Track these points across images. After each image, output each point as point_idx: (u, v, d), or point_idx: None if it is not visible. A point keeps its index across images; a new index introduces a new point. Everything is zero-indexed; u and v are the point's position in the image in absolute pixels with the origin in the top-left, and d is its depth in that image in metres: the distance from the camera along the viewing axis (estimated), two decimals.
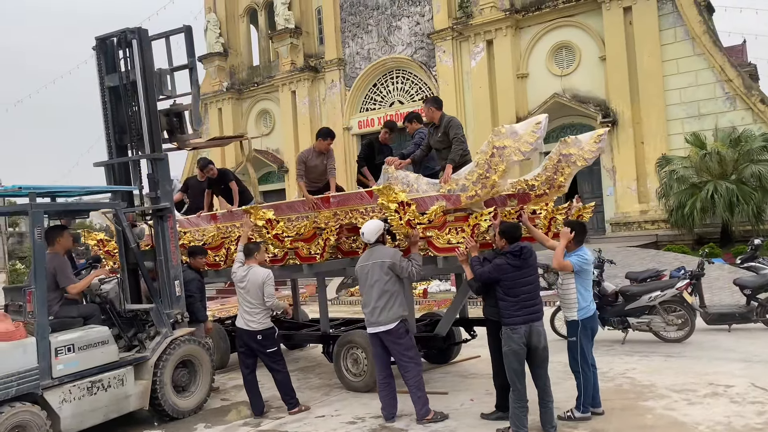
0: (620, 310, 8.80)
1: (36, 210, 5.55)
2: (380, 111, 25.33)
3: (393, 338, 5.64)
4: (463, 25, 22.65)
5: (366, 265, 5.75)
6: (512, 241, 5.68)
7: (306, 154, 7.98)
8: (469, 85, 23.00)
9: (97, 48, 7.12)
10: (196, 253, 7.67)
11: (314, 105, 26.74)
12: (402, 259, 5.72)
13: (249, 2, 28.99)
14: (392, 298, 5.64)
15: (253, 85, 28.56)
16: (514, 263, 5.49)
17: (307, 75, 26.48)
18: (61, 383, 5.58)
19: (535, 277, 5.58)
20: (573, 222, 6.19)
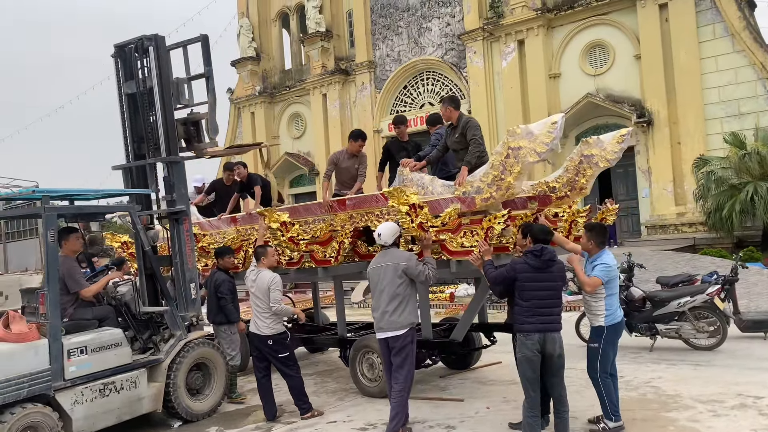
0: (648, 317, 8.50)
1: (49, 213, 5.61)
2: (411, 113, 25.19)
3: (399, 345, 5.48)
4: (493, 25, 22.38)
5: (379, 267, 5.62)
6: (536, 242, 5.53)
7: (338, 155, 7.94)
8: (500, 86, 22.71)
9: (115, 55, 7.19)
10: (224, 253, 7.56)
11: (345, 108, 26.78)
12: (417, 263, 5.58)
13: (281, 6, 29.22)
14: (403, 303, 5.49)
15: (285, 89, 28.77)
16: (532, 263, 5.32)
17: (337, 78, 26.54)
18: (74, 385, 5.63)
19: (555, 285, 5.35)
20: (593, 224, 5.99)
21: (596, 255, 5.54)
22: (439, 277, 6.36)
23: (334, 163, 7.77)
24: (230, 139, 30.15)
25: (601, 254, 5.52)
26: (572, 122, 21.15)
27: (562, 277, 5.42)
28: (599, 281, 5.39)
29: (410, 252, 5.90)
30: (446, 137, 7.07)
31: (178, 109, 7.36)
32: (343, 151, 7.85)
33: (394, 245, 5.69)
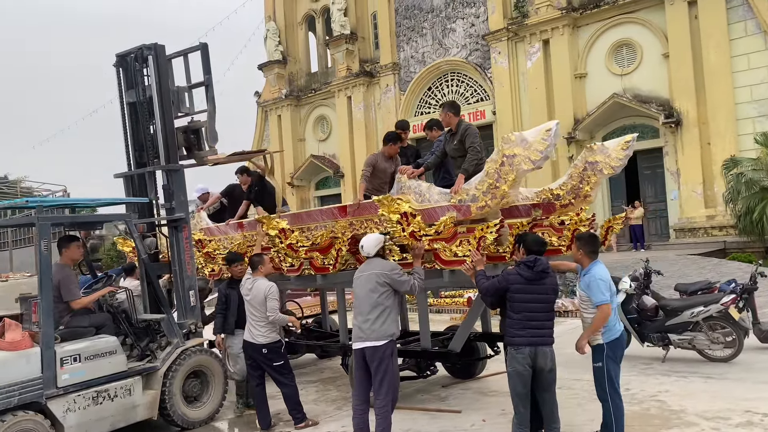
0: (660, 326, 8.24)
1: (42, 222, 5.68)
2: (435, 114, 24.98)
3: (377, 358, 5.32)
4: (518, 25, 22.08)
5: (361, 277, 5.52)
6: (529, 254, 5.39)
7: (375, 157, 7.64)
8: (525, 87, 22.40)
9: (117, 64, 7.27)
10: (234, 260, 7.19)
11: (369, 110, 26.75)
12: (401, 273, 5.45)
13: (307, 10, 29.37)
14: (384, 313, 5.35)
15: (310, 92, 28.91)
16: (525, 274, 5.18)
17: (362, 80, 26.53)
18: (66, 393, 5.68)
19: (548, 298, 5.19)
20: (582, 234, 5.78)
21: (587, 267, 5.31)
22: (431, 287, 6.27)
23: (372, 165, 7.42)
24: (257, 142, 30.43)
25: (592, 267, 5.25)
26: (599, 123, 20.76)
27: (554, 290, 5.26)
28: (607, 308, 5.06)
29: (394, 262, 5.78)
30: (445, 143, 6.96)
31: (180, 118, 7.42)
32: (380, 153, 7.56)
33: (377, 256, 5.57)
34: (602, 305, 5.09)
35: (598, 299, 5.10)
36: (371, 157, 7.53)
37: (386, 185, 7.20)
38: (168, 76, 7.13)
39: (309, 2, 29.33)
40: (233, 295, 6.93)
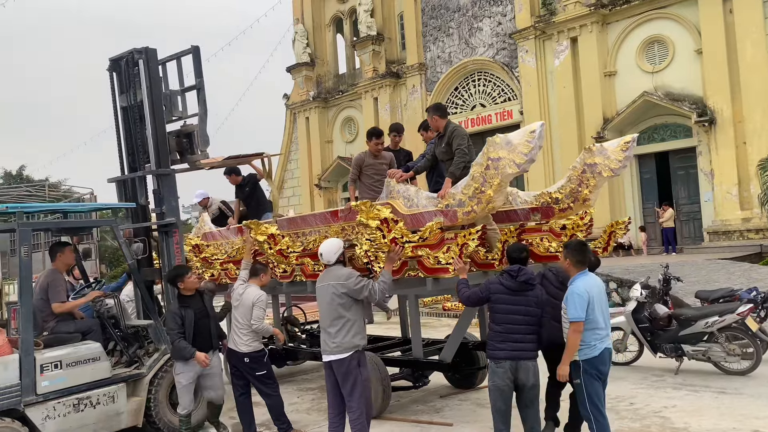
0: (674, 336, 7.83)
1: (23, 228, 5.66)
2: (462, 115, 24.73)
3: (343, 371, 5.11)
4: (545, 23, 21.60)
5: (321, 287, 5.28)
6: (512, 262, 5.14)
7: (361, 157, 7.40)
8: (553, 86, 21.90)
9: (110, 68, 7.25)
10: (178, 275, 6.18)
11: (396, 111, 26.57)
12: (358, 280, 5.15)
13: (335, 11, 29.37)
14: (347, 325, 5.09)
15: (338, 94, 28.88)
16: (507, 284, 4.94)
17: (388, 81, 26.37)
18: (46, 400, 5.64)
19: (531, 311, 4.91)
20: (569, 242, 5.45)
21: (573, 278, 4.93)
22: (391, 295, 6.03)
23: (358, 165, 7.27)
24: (286, 145, 30.57)
25: (576, 279, 4.88)
26: (629, 122, 20.14)
27: (538, 303, 4.97)
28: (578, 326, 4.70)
29: (352, 270, 5.51)
30: (435, 147, 6.71)
31: (173, 122, 7.35)
32: (365, 153, 7.34)
33: (338, 263, 5.32)
34: (573, 322, 4.74)
35: (571, 315, 4.76)
36: (357, 158, 7.35)
37: (381, 183, 6.96)
38: (159, 80, 7.07)
39: (336, 4, 29.32)
40: (188, 314, 5.91)
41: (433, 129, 6.74)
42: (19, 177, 36.45)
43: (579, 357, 4.83)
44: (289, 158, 30.63)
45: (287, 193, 30.08)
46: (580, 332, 4.73)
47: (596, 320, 4.80)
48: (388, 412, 6.78)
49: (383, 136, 7.23)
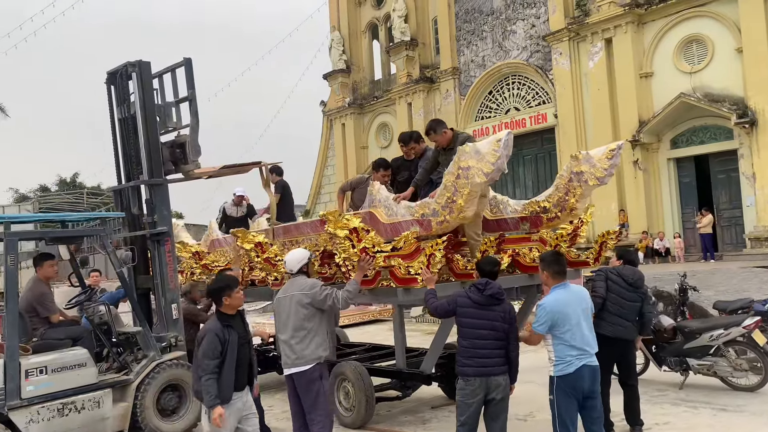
0: (678, 350, 7.50)
1: (10, 238, 5.87)
2: (496, 119, 24.45)
3: (304, 383, 5.03)
4: (579, 24, 21.14)
5: (283, 298, 5.21)
6: (482, 275, 5.02)
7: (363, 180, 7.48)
8: (587, 88, 21.39)
9: (107, 81, 7.45)
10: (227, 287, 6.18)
11: (429, 116, 26.38)
12: (322, 290, 5.06)
13: (370, 18, 29.50)
14: (309, 336, 5.02)
15: (373, 100, 28.98)
16: (474, 297, 4.83)
17: (422, 86, 26.30)
18: (30, 404, 5.82)
19: (498, 326, 4.76)
20: (546, 253, 5.27)
21: (551, 289, 4.81)
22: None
23: (356, 183, 7.42)
24: (323, 151, 30.85)
25: (552, 290, 4.75)
26: (666, 124, 19.52)
27: (506, 319, 4.81)
28: (538, 336, 4.75)
29: (316, 279, 5.46)
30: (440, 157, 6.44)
31: (168, 132, 7.51)
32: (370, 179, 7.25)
33: (300, 273, 5.27)
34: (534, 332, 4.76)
35: (533, 324, 4.74)
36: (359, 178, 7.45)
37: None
38: (152, 92, 7.23)
39: (372, 10, 29.45)
40: (233, 339, 4.60)
41: (445, 143, 6.36)
42: (73, 184, 37.98)
43: (553, 372, 4.71)
44: (326, 164, 30.89)
45: (324, 199, 30.32)
46: (537, 343, 4.85)
47: (571, 335, 4.63)
48: (374, 422, 6.73)
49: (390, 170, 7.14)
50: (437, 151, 6.47)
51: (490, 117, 24.69)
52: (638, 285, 6.13)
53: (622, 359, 6.07)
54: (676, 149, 19.84)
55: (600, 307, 5.83)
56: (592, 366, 4.69)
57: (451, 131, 6.28)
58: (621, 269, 6.15)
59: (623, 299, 5.97)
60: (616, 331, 5.87)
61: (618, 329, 5.89)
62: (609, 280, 6.01)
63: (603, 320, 5.84)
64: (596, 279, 6.16)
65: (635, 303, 6.06)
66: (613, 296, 5.97)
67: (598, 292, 5.95)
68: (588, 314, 4.81)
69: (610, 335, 5.80)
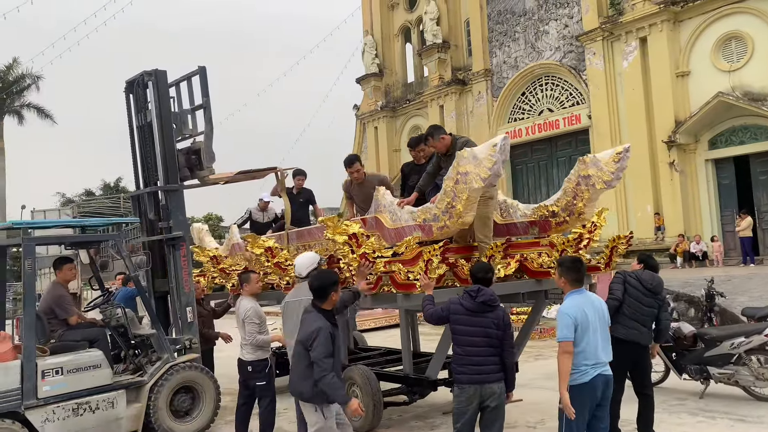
0: (699, 358, 7.29)
1: (27, 243, 6.09)
2: (529, 120, 24.19)
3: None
4: (613, 23, 20.76)
5: (291, 302, 5.30)
6: (475, 282, 4.99)
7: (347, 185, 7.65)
8: (621, 88, 20.99)
9: (126, 90, 7.67)
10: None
11: (461, 118, 26.34)
12: None
13: (403, 21, 29.57)
14: None
15: (405, 102, 29.02)
16: (466, 304, 4.79)
17: (454, 88, 26.21)
18: (46, 404, 6.01)
19: (491, 333, 4.70)
20: (564, 258, 5.17)
21: (566, 294, 4.64)
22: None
23: (347, 191, 7.52)
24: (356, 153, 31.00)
25: (568, 296, 4.59)
26: (704, 124, 19.02)
27: (498, 324, 4.75)
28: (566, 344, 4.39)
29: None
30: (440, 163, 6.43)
31: (185, 139, 7.68)
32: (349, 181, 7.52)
33: (309, 278, 5.32)
34: (560, 342, 4.45)
35: (558, 335, 4.49)
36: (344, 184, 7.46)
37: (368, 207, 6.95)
38: (168, 100, 7.40)
39: (405, 13, 29.51)
40: (337, 336, 4.69)
41: (444, 149, 6.35)
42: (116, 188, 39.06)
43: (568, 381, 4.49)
44: None
45: None
46: (570, 353, 4.42)
47: (587, 344, 4.46)
48: (383, 427, 6.74)
49: (356, 164, 7.19)
50: (438, 156, 6.45)
51: (523, 119, 24.44)
52: (657, 291, 5.98)
53: (637, 366, 5.89)
54: (714, 150, 19.28)
55: (615, 310, 5.71)
56: (606, 375, 4.55)
57: (449, 136, 6.25)
58: (640, 273, 6.02)
59: (640, 303, 5.84)
60: (630, 334, 5.74)
61: (632, 332, 5.75)
62: (627, 284, 5.90)
63: (618, 323, 5.70)
64: (614, 281, 6.04)
65: (652, 309, 5.91)
66: (630, 300, 5.84)
67: (614, 295, 5.84)
68: (604, 324, 4.63)
69: (623, 338, 5.67)
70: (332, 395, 4.47)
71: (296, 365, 4.67)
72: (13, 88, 35.73)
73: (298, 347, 4.62)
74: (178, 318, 7.23)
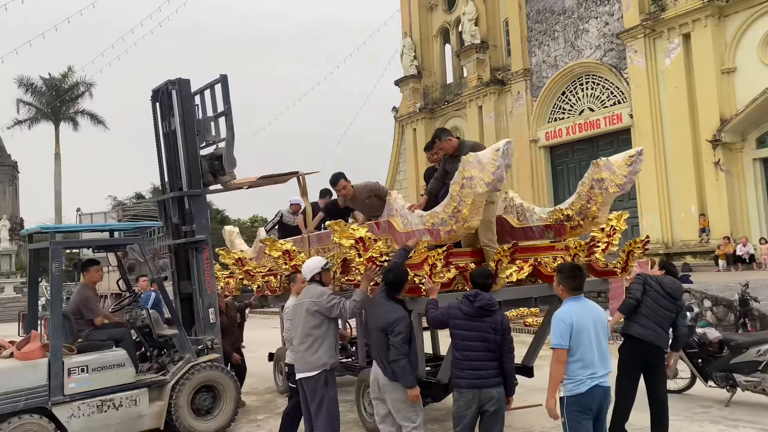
0: (725, 364, 7.09)
1: (55, 247, 6.39)
2: (569, 120, 23.82)
3: (310, 388, 5.20)
4: (654, 20, 20.26)
5: (296, 305, 5.43)
6: (475, 287, 5.00)
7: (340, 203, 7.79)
8: (664, 86, 20.45)
9: (153, 98, 7.94)
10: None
11: (500, 118, 26.12)
12: (330, 299, 5.22)
13: (442, 22, 29.53)
14: (316, 343, 5.19)
15: (444, 104, 28.95)
16: (464, 309, 4.82)
17: (492, 89, 26.01)
18: (72, 400, 6.29)
19: (489, 338, 4.69)
20: (563, 265, 5.15)
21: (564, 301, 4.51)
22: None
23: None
24: (395, 157, 31.10)
25: (565, 302, 4.47)
26: (750, 122, 18.41)
27: (497, 330, 4.74)
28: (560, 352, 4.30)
29: (326, 288, 5.58)
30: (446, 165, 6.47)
31: (209, 146, 7.89)
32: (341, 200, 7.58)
33: (314, 281, 5.43)
34: (554, 349, 4.36)
35: (551, 342, 4.39)
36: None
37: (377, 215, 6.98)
38: (192, 108, 7.62)
39: (443, 15, 29.46)
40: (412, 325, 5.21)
41: (451, 151, 6.38)
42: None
43: (564, 392, 4.41)
44: (397, 169, 31.16)
45: None
46: (563, 362, 4.32)
47: (584, 353, 4.32)
48: None
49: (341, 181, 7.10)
50: (445, 159, 6.47)
51: (563, 118, 24.08)
52: (676, 296, 5.87)
53: (651, 369, 5.74)
54: (762, 149, 18.62)
55: (633, 309, 5.71)
56: (604, 387, 4.39)
57: (456, 139, 6.28)
58: (661, 278, 5.95)
59: (658, 305, 5.75)
60: (645, 333, 5.64)
61: (648, 332, 5.65)
62: (647, 285, 5.83)
63: (633, 322, 5.69)
64: (635, 282, 5.97)
65: (670, 312, 5.79)
66: (648, 300, 5.75)
67: (633, 295, 5.79)
68: (603, 333, 4.46)
69: (637, 336, 5.64)
70: (401, 378, 4.96)
71: (382, 351, 5.06)
72: (68, 95, 37.22)
73: (379, 334, 5.06)
74: (200, 319, 7.44)
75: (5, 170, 50.28)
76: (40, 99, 36.89)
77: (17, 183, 51.63)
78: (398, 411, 5.19)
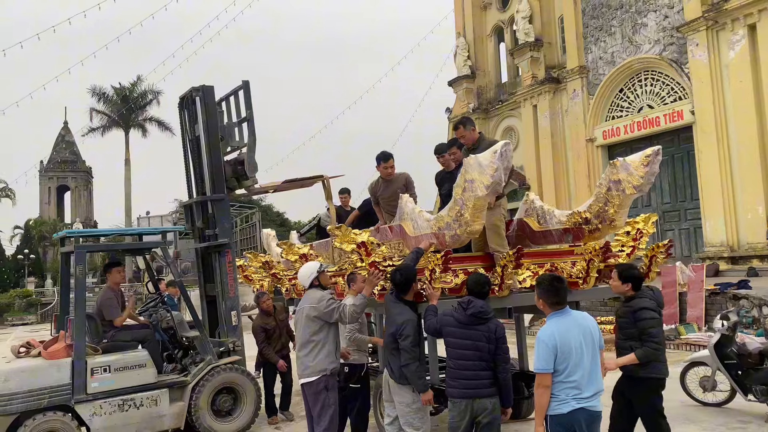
0: (765, 377, 6.63)
1: (79, 251, 6.64)
2: (627, 118, 22.94)
3: (311, 393, 5.23)
4: (717, 11, 19.23)
5: (297, 311, 5.46)
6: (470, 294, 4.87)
7: (374, 186, 7.55)
8: (728, 81, 19.37)
9: (179, 105, 8.14)
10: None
11: (556, 117, 25.45)
12: (329, 303, 5.22)
13: (496, 21, 29.05)
14: (316, 348, 5.19)
15: (498, 103, 28.48)
16: (457, 316, 4.71)
17: (547, 87, 25.38)
18: (95, 399, 6.52)
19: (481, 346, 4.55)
20: (542, 279, 4.66)
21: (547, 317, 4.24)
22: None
23: (373, 194, 7.44)
24: None
25: (549, 318, 4.17)
26: None
27: (490, 339, 4.58)
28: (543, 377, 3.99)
29: (325, 292, 5.52)
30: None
31: (234, 151, 8.03)
32: (378, 180, 7.40)
33: (312, 287, 5.42)
34: (537, 374, 4.04)
35: (534, 365, 4.08)
36: (370, 186, 7.35)
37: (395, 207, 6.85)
38: (215, 114, 7.78)
39: (497, 13, 28.99)
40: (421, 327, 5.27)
41: (471, 142, 6.34)
42: None
43: (548, 410, 4.07)
44: None
45: None
46: (547, 387, 4.00)
47: (569, 373, 3.99)
48: None
49: (391, 160, 7.13)
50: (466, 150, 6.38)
51: (621, 116, 23.21)
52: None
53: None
54: None
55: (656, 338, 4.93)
56: (591, 411, 4.01)
57: (479, 134, 6.17)
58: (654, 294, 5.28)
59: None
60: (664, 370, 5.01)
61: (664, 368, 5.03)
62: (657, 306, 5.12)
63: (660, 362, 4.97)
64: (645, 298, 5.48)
65: None
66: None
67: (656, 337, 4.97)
68: (594, 347, 4.10)
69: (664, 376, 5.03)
70: (413, 382, 4.98)
71: (393, 355, 5.08)
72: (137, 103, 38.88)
73: (389, 338, 5.11)
74: (223, 321, 7.57)
75: (81, 176, 53.02)
76: (111, 107, 38.70)
77: (91, 187, 54.31)
78: (403, 416, 5.15)
